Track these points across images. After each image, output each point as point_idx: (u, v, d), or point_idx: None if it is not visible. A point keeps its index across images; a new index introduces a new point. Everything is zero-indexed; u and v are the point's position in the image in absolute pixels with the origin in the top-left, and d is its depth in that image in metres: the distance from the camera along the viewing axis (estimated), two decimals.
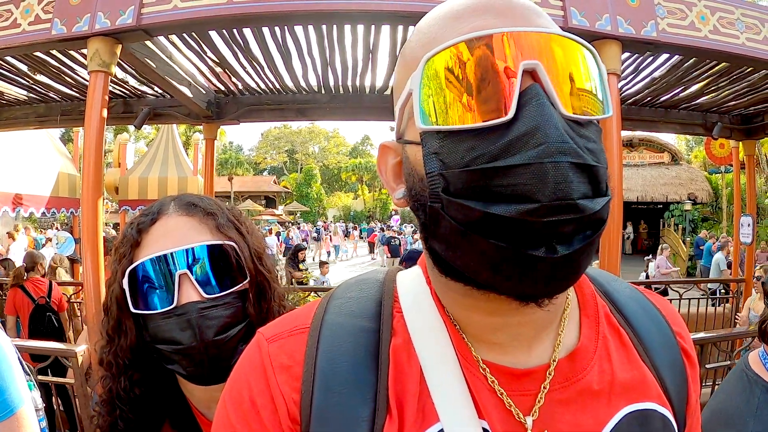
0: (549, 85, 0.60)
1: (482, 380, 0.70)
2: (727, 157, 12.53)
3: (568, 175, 0.56)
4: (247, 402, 0.71)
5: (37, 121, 7.04)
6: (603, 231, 0.63)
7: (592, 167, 0.59)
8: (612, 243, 4.03)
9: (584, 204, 0.58)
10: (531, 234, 0.57)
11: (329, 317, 0.76)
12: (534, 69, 0.61)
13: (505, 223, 0.58)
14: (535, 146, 0.57)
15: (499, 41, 0.61)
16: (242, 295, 1.19)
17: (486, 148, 0.59)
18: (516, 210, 0.57)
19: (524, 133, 0.58)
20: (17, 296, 6.02)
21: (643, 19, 3.93)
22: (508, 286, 0.62)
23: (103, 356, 1.20)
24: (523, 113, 0.59)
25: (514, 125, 0.59)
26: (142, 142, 50.23)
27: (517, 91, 0.59)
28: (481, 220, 0.59)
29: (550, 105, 0.59)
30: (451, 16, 0.69)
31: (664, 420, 0.75)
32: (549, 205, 0.56)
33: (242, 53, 5.17)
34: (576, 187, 0.57)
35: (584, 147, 0.60)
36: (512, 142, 0.58)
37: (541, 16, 0.68)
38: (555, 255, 0.57)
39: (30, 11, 3.91)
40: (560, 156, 0.56)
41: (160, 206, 1.21)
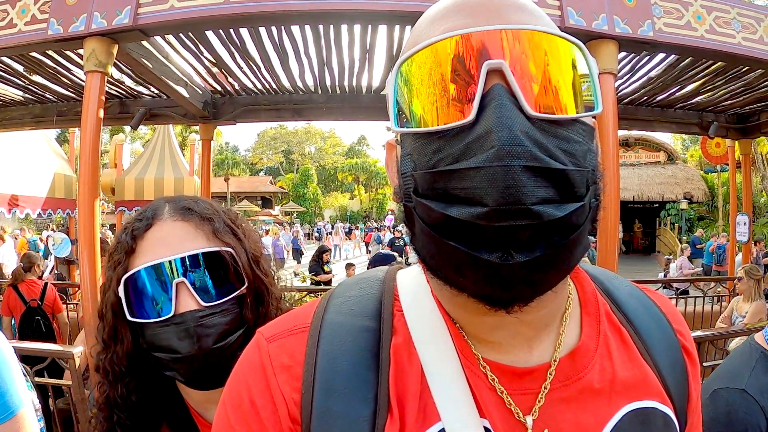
0: (514, 84, 0.59)
1: (483, 379, 0.70)
2: (722, 156, 12.55)
3: (520, 180, 0.55)
4: (247, 403, 0.70)
5: (33, 121, 7.02)
6: (579, 238, 0.60)
7: (559, 171, 0.57)
8: (609, 243, 4.03)
9: (541, 210, 0.55)
10: (485, 238, 0.57)
11: (329, 316, 0.75)
12: (500, 68, 0.59)
13: (461, 226, 0.58)
14: (487, 149, 0.56)
15: (465, 42, 0.61)
16: (240, 300, 1.17)
17: (449, 151, 0.59)
18: (468, 213, 0.56)
19: (480, 135, 0.57)
20: (11, 297, 6.01)
21: (640, 19, 3.94)
22: (472, 290, 0.62)
23: (99, 363, 1.19)
24: (484, 115, 0.58)
25: (474, 127, 0.58)
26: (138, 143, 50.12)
27: (479, 93, 0.59)
28: (442, 221, 0.59)
29: (512, 105, 0.58)
30: (429, 18, 0.70)
31: (666, 418, 0.75)
32: (497, 209, 0.55)
33: (239, 53, 5.16)
34: (530, 192, 0.55)
35: (555, 149, 0.58)
36: (470, 144, 0.58)
37: (522, 11, 0.66)
38: (509, 262, 0.56)
39: (26, 11, 3.91)
40: (510, 159, 0.55)
41: (155, 210, 1.19)
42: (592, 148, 0.64)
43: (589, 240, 0.65)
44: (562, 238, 0.58)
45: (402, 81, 0.65)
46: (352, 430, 0.66)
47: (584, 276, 0.83)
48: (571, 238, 0.59)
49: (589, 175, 0.61)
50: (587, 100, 0.64)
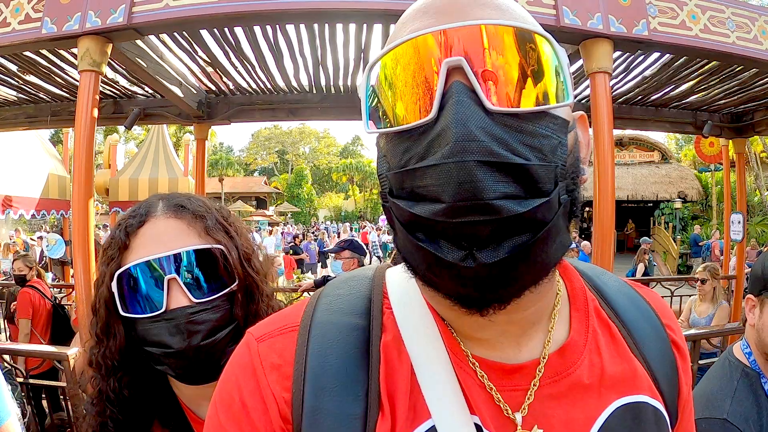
0: (473, 80, 0.59)
1: (472, 376, 0.70)
2: (716, 156, 12.59)
3: (475, 175, 0.55)
4: (238, 403, 0.70)
5: (26, 121, 6.99)
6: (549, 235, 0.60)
7: (521, 165, 0.57)
8: (605, 241, 4.04)
9: (500, 204, 0.55)
10: (447, 238, 0.57)
11: (318, 315, 0.76)
12: (459, 65, 0.59)
13: (426, 225, 0.59)
14: (444, 146, 0.56)
15: (425, 42, 0.62)
16: (230, 297, 1.19)
17: (415, 150, 0.61)
18: (428, 211, 0.57)
19: (438, 133, 0.58)
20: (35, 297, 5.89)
21: (635, 18, 3.94)
22: (445, 290, 0.63)
23: (92, 357, 1.21)
24: (443, 113, 0.58)
25: (435, 125, 0.59)
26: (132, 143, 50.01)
27: (440, 91, 0.59)
28: (410, 221, 0.61)
29: (471, 102, 0.58)
30: (401, 21, 0.71)
31: (656, 412, 0.75)
32: (454, 205, 0.55)
33: (233, 53, 5.15)
34: (488, 187, 0.55)
35: (517, 143, 0.58)
36: (430, 142, 0.59)
37: (486, 6, 0.66)
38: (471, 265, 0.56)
39: (20, 10, 3.89)
40: (464, 155, 0.55)
41: (148, 207, 1.20)
42: (564, 142, 0.63)
43: (567, 237, 0.65)
44: (530, 235, 0.58)
45: (371, 84, 0.67)
46: (343, 428, 0.66)
47: (573, 272, 0.84)
48: (539, 235, 0.58)
49: (559, 170, 0.61)
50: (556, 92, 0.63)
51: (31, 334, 5.74)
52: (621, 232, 27.81)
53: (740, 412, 1.50)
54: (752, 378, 1.59)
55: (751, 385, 1.57)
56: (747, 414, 1.50)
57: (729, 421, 1.48)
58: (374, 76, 0.66)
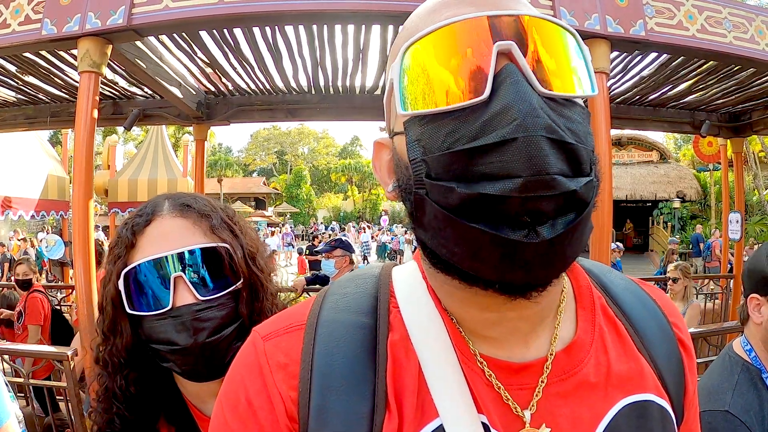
0: (524, 64, 0.60)
1: (480, 374, 0.70)
2: (715, 155, 12.58)
3: (543, 149, 0.56)
4: (244, 403, 0.70)
5: (26, 122, 6.97)
6: (587, 217, 0.62)
7: (571, 145, 0.59)
8: (602, 240, 4.05)
9: (562, 181, 0.57)
10: (510, 215, 0.57)
11: (325, 314, 0.75)
12: (509, 50, 0.61)
13: (484, 204, 0.58)
14: (509, 123, 0.57)
15: (473, 25, 0.63)
16: (235, 295, 1.20)
17: (465, 130, 0.60)
18: (495, 188, 0.57)
19: (498, 111, 0.58)
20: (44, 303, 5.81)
21: (632, 19, 3.95)
22: (489, 275, 0.62)
23: (99, 354, 1.22)
24: (498, 93, 0.59)
25: (489, 105, 0.59)
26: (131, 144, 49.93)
27: (492, 72, 0.60)
28: (462, 202, 0.59)
29: (525, 83, 0.59)
30: (429, 9, 0.71)
31: (662, 411, 0.75)
32: (526, 180, 0.55)
33: (232, 53, 5.15)
34: (552, 162, 0.56)
35: (563, 125, 0.59)
36: (488, 121, 0.58)
37: (518, 1, 0.69)
38: (535, 240, 0.57)
39: (20, 11, 3.89)
40: (534, 130, 0.56)
41: (155, 206, 1.21)
42: (590, 131, 0.65)
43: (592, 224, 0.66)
44: (577, 214, 0.60)
45: (409, 65, 0.66)
46: (350, 427, 0.66)
47: (579, 270, 0.83)
48: (582, 215, 0.60)
49: (592, 155, 0.63)
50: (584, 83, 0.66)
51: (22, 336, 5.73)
52: (619, 232, 27.81)
53: (741, 404, 1.51)
54: (753, 372, 1.60)
55: (752, 379, 1.58)
56: (748, 406, 1.50)
57: (730, 413, 1.49)
58: (411, 57, 0.66)
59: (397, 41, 0.75)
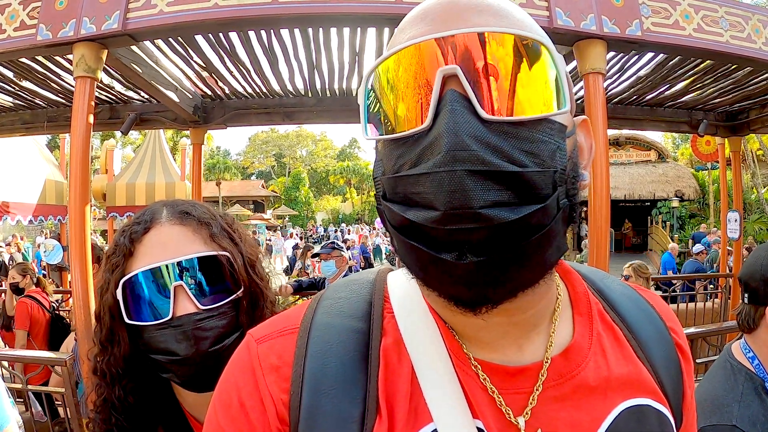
0: (468, 89, 0.59)
1: (474, 378, 0.69)
2: (713, 154, 12.58)
3: (465, 184, 0.55)
4: (236, 404, 0.70)
5: (23, 127, 6.98)
6: (543, 238, 0.60)
7: (512, 173, 0.57)
8: (600, 241, 4.04)
9: (492, 213, 0.56)
10: (441, 240, 0.58)
11: (319, 318, 0.75)
12: (454, 73, 0.60)
13: (418, 228, 0.60)
14: (436, 155, 0.57)
15: (422, 49, 0.62)
16: (236, 304, 1.19)
17: (409, 156, 0.61)
18: (422, 217, 0.58)
19: (431, 142, 0.59)
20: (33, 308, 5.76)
21: (628, 19, 3.95)
22: (440, 290, 0.63)
23: (96, 365, 1.20)
24: (437, 121, 0.59)
25: (428, 134, 0.60)
26: (129, 148, 49.95)
27: (434, 99, 0.60)
28: (404, 224, 0.61)
29: (465, 111, 0.58)
30: (400, 27, 0.71)
31: (661, 415, 0.75)
32: (447, 213, 0.56)
33: (228, 57, 5.15)
34: (478, 196, 0.55)
35: (515, 150, 0.58)
36: (423, 150, 0.60)
37: (484, 13, 0.65)
38: (464, 261, 0.57)
39: (15, 17, 3.89)
40: (454, 164, 0.56)
41: (153, 214, 1.20)
42: (563, 147, 0.63)
43: (564, 241, 0.65)
44: (523, 239, 0.58)
45: (369, 90, 0.67)
46: (339, 430, 0.66)
47: (575, 276, 0.83)
48: (533, 239, 0.58)
49: (557, 175, 0.61)
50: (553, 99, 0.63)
51: (28, 344, 5.67)
52: (618, 232, 27.83)
53: (748, 416, 1.49)
54: (756, 382, 1.58)
55: (756, 389, 1.56)
56: (754, 418, 1.49)
57: (738, 427, 1.47)
58: (372, 81, 0.67)
59: None
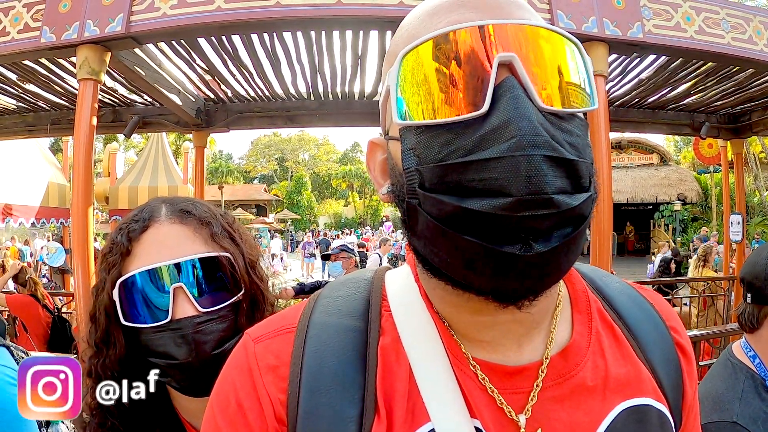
0: (525, 78, 0.59)
1: (473, 378, 0.69)
2: (715, 157, 12.63)
3: (542, 169, 0.55)
4: (234, 404, 0.70)
5: (26, 130, 7.01)
6: (584, 229, 0.62)
7: (571, 161, 0.58)
8: (602, 244, 4.04)
9: (560, 199, 0.56)
10: (505, 230, 0.57)
11: (316, 317, 0.75)
12: (510, 61, 0.59)
13: (478, 219, 0.57)
14: (507, 139, 0.56)
15: (475, 34, 0.61)
16: (236, 306, 1.15)
17: (461, 143, 0.58)
18: (489, 205, 0.56)
19: (497, 126, 0.57)
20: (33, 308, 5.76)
21: (630, 21, 3.96)
22: (483, 285, 0.61)
23: (91, 367, 1.15)
24: (498, 106, 0.58)
25: (488, 119, 0.58)
26: (131, 152, 50.00)
27: (491, 85, 0.58)
28: (455, 215, 0.59)
29: (526, 97, 0.58)
30: (429, 12, 0.69)
31: (660, 415, 0.74)
32: (522, 199, 0.55)
33: (231, 60, 5.17)
34: (551, 181, 0.56)
35: (563, 141, 0.59)
36: (485, 135, 0.57)
37: (521, 8, 0.67)
38: (530, 252, 0.56)
39: (19, 19, 3.91)
40: (533, 149, 0.55)
41: (152, 211, 1.15)
42: (589, 143, 0.65)
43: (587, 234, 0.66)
44: (573, 228, 0.59)
45: (406, 73, 0.64)
46: (337, 430, 0.66)
47: (575, 274, 0.82)
48: (580, 228, 0.60)
49: (591, 168, 0.63)
50: (585, 97, 0.64)
51: (28, 345, 5.66)
52: (620, 235, 27.77)
53: (749, 413, 1.48)
54: (757, 381, 1.58)
55: (756, 388, 1.56)
56: (755, 416, 1.48)
57: (739, 424, 1.46)
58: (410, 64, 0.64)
59: (395, 42, 0.73)
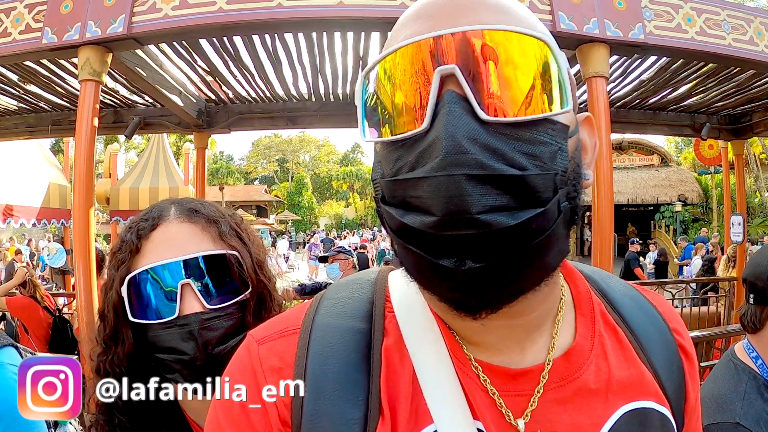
0: (467, 90, 0.57)
1: (474, 380, 0.69)
2: (716, 158, 12.62)
3: (464, 189, 0.54)
4: (237, 406, 0.70)
5: (27, 131, 7.00)
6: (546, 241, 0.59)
7: (512, 177, 0.55)
8: (604, 246, 4.04)
9: (490, 219, 0.54)
10: (438, 245, 0.57)
11: (320, 318, 0.75)
12: (452, 73, 0.58)
13: (416, 233, 0.58)
14: (434, 158, 0.56)
15: (419, 49, 0.60)
16: (243, 305, 1.16)
17: (406, 160, 0.60)
18: (419, 222, 0.57)
19: (429, 144, 0.57)
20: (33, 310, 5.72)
21: (631, 22, 3.95)
22: (438, 294, 0.63)
23: (99, 364, 1.17)
24: (435, 123, 0.57)
25: (427, 135, 0.58)
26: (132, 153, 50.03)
27: (432, 100, 0.58)
28: (402, 228, 0.60)
29: (463, 112, 0.56)
30: (398, 24, 0.70)
31: (663, 419, 0.74)
32: (442, 218, 0.55)
33: (232, 61, 5.17)
34: (477, 200, 0.54)
35: (515, 152, 0.57)
36: (421, 153, 0.58)
37: (485, 9, 0.63)
38: (463, 267, 0.56)
39: (20, 20, 3.91)
40: (454, 168, 0.54)
41: (161, 211, 1.18)
42: (565, 148, 0.61)
43: (566, 244, 0.64)
44: (523, 243, 0.57)
45: (366, 91, 0.66)
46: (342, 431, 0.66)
47: (578, 276, 0.82)
48: (533, 243, 0.57)
49: (558, 178, 0.59)
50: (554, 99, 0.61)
51: (29, 345, 5.67)
52: (622, 236, 27.75)
53: (752, 414, 1.49)
54: (759, 382, 1.58)
55: (759, 389, 1.56)
56: (758, 416, 1.48)
57: (742, 425, 1.46)
58: (369, 82, 0.65)
59: None
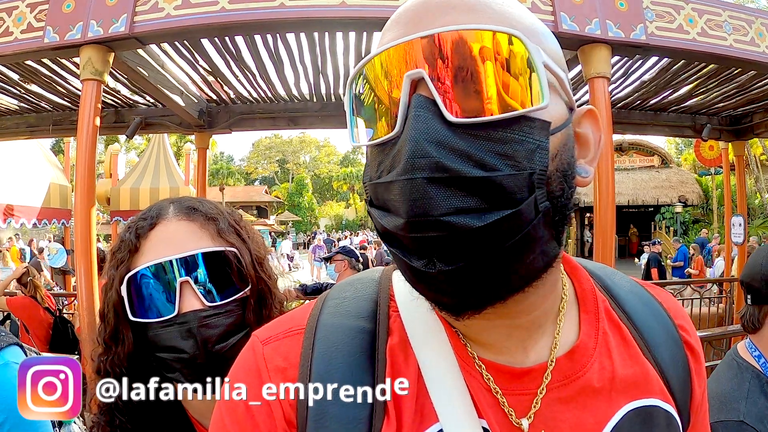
0: (434, 92, 0.58)
1: (478, 378, 0.69)
2: (716, 159, 12.60)
3: (426, 191, 0.54)
4: (242, 406, 0.70)
5: (28, 131, 7.01)
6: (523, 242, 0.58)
7: (478, 179, 0.55)
8: (606, 247, 4.04)
9: (454, 220, 0.54)
10: (411, 247, 0.59)
11: (324, 318, 0.74)
12: (420, 77, 0.59)
13: (393, 235, 0.60)
14: (400, 162, 0.57)
15: (392, 55, 0.62)
16: (243, 302, 1.16)
17: (385, 163, 0.61)
18: (390, 224, 0.59)
19: (399, 149, 0.58)
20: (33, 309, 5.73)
21: (632, 23, 3.96)
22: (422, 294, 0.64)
23: (100, 364, 1.16)
24: (405, 127, 0.58)
25: (398, 140, 0.59)
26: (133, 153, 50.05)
27: (403, 105, 0.59)
28: (384, 230, 0.62)
29: (430, 115, 0.57)
30: (383, 30, 0.71)
31: (668, 416, 0.74)
32: (408, 221, 0.56)
33: (234, 61, 5.17)
34: (441, 203, 0.54)
35: (486, 152, 0.56)
36: (394, 157, 0.59)
37: (455, 9, 0.63)
38: (433, 270, 0.57)
39: (22, 19, 3.91)
40: (415, 172, 0.55)
41: (159, 210, 1.18)
42: (544, 146, 0.59)
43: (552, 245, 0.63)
44: (495, 245, 0.56)
45: (352, 97, 0.67)
46: (348, 431, 0.66)
47: (582, 272, 0.81)
48: (507, 245, 0.56)
49: (536, 177, 0.57)
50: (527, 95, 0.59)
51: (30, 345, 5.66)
52: (623, 237, 27.74)
53: (755, 413, 1.49)
54: (762, 380, 1.58)
55: (762, 387, 1.56)
56: (762, 415, 1.48)
57: (746, 423, 1.47)
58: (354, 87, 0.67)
59: None
